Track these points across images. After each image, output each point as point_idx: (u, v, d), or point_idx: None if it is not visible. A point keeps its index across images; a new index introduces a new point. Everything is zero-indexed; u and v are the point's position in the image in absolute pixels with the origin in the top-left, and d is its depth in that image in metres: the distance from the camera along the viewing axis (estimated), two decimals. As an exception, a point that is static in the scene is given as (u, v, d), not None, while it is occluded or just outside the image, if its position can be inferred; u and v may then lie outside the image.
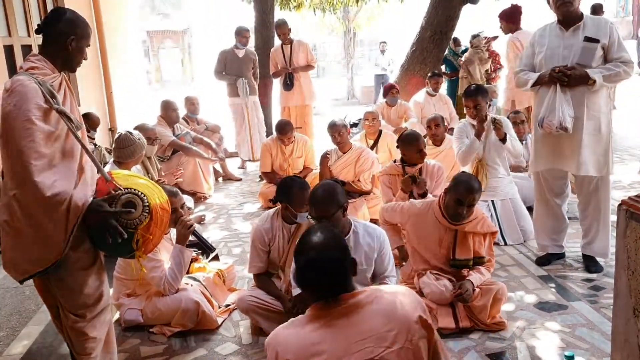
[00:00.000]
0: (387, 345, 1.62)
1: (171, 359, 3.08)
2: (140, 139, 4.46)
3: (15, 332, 3.24)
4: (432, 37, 8.69)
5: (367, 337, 1.64)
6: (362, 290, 1.76)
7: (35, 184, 2.16)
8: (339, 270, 1.75)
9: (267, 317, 3.25)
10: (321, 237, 1.80)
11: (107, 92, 7.91)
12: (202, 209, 6.13)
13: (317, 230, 1.84)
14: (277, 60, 7.48)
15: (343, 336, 1.65)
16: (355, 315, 1.69)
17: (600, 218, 3.85)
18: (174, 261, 3.33)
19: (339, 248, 1.80)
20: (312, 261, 1.75)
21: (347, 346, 1.63)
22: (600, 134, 3.69)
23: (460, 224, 3.28)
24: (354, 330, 1.65)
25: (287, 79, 7.42)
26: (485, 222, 3.34)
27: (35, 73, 2.33)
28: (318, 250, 1.76)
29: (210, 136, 7.18)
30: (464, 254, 3.29)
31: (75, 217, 2.26)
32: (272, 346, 1.74)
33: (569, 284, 3.73)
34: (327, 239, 1.80)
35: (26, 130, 2.19)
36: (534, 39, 3.88)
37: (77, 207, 2.26)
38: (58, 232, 2.24)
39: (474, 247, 3.31)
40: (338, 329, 1.67)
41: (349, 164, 5.20)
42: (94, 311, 2.50)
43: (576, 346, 2.97)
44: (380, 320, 1.66)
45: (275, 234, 3.38)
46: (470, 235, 3.30)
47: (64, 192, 2.23)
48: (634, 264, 2.11)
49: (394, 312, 1.68)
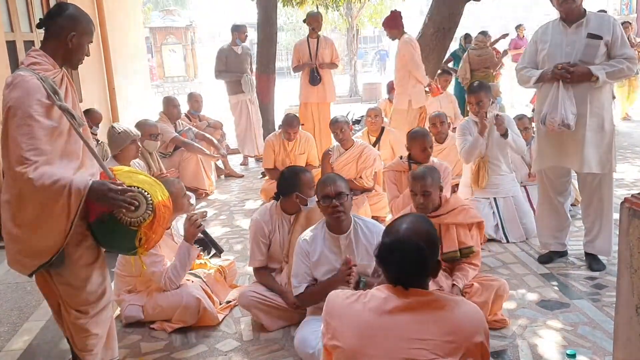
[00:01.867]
0: (441, 355, 1.60)
1: (172, 355, 3.07)
2: (125, 132, 4.42)
3: (16, 328, 3.24)
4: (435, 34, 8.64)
5: (425, 339, 1.62)
6: (436, 293, 1.76)
7: (34, 179, 2.15)
8: (423, 260, 1.75)
9: (269, 312, 3.25)
10: (422, 224, 1.83)
11: (110, 88, 7.91)
12: (204, 205, 6.13)
13: (419, 218, 1.88)
14: (301, 54, 7.24)
15: (402, 328, 1.64)
16: (421, 314, 1.67)
17: (603, 216, 3.83)
18: (178, 258, 3.32)
19: (431, 240, 1.81)
20: (398, 242, 1.76)
21: (402, 341, 1.62)
22: (604, 131, 3.67)
23: (438, 216, 3.30)
24: (415, 328, 1.64)
25: (316, 72, 7.14)
26: (467, 212, 3.35)
27: (36, 69, 2.32)
28: (414, 232, 1.78)
29: (212, 133, 7.18)
30: (449, 246, 3.30)
31: (78, 202, 2.21)
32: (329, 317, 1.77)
33: (571, 282, 3.72)
34: (426, 228, 1.82)
35: (27, 127, 2.18)
36: (536, 36, 3.86)
37: (79, 190, 2.21)
38: (61, 221, 2.22)
39: (459, 237, 3.31)
40: (400, 320, 1.66)
41: (351, 161, 5.18)
42: (97, 308, 2.49)
43: (578, 344, 2.95)
44: (444, 328, 1.64)
45: (275, 226, 3.40)
46: (452, 226, 3.31)
47: (63, 179, 2.20)
48: (636, 262, 2.10)
49: (460, 328, 1.66)
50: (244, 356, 3.04)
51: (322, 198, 2.91)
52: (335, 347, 1.70)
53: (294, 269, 3.02)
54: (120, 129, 4.44)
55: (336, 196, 2.87)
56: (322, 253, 2.96)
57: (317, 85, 7.19)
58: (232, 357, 3.03)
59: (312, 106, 7.33)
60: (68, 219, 2.23)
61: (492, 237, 4.52)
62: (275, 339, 3.20)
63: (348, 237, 2.96)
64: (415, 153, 4.34)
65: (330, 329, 1.75)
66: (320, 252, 2.96)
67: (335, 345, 1.70)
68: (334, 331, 1.73)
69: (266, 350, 3.08)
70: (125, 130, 4.43)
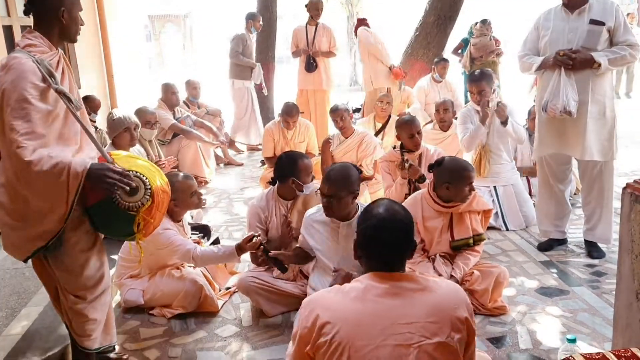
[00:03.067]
0: (428, 336, 1.59)
1: (171, 340, 3.07)
2: (121, 118, 4.33)
3: (14, 313, 3.23)
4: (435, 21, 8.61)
5: (409, 322, 1.61)
6: (415, 276, 1.75)
7: (28, 163, 2.12)
8: (403, 240, 1.79)
9: (268, 298, 3.25)
10: (396, 205, 1.89)
11: (108, 76, 7.86)
12: (204, 193, 6.10)
13: (391, 201, 1.93)
14: (298, 40, 7.27)
15: (386, 315, 1.63)
16: (403, 298, 1.67)
17: (603, 204, 3.82)
18: (220, 250, 3.19)
19: (409, 219, 1.85)
20: (383, 221, 1.79)
21: (388, 326, 1.61)
22: (605, 119, 3.65)
23: (455, 206, 3.27)
24: (399, 313, 1.64)
25: (312, 59, 7.18)
26: (479, 199, 3.35)
27: (32, 51, 2.28)
28: (394, 212, 1.83)
29: (211, 120, 7.14)
30: (462, 233, 3.29)
31: (76, 185, 2.19)
32: (310, 307, 1.71)
33: (570, 270, 3.72)
34: (400, 208, 1.88)
35: (22, 110, 2.15)
36: (538, 22, 3.82)
37: (77, 173, 2.18)
38: (59, 205, 2.20)
39: (472, 224, 3.31)
40: (383, 307, 1.65)
41: (351, 149, 5.17)
42: (95, 293, 2.49)
43: (577, 331, 2.96)
44: (427, 310, 1.64)
45: (271, 211, 3.40)
46: (465, 214, 3.30)
47: (62, 162, 2.17)
48: (638, 247, 2.09)
49: (442, 306, 1.66)
50: (243, 342, 3.04)
51: (322, 195, 2.92)
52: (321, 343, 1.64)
53: (300, 239, 3.13)
54: (115, 116, 4.36)
55: (327, 196, 2.87)
56: (321, 235, 3.00)
57: (313, 72, 7.22)
58: (231, 343, 3.03)
59: (309, 93, 7.36)
60: (67, 203, 2.20)
61: (492, 225, 4.50)
62: (275, 325, 3.20)
63: (350, 225, 2.95)
64: (404, 140, 4.31)
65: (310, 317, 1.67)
66: (319, 234, 3.00)
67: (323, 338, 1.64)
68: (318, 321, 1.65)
69: (265, 336, 3.08)
70: (120, 117, 4.31)
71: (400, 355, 1.57)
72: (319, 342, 1.64)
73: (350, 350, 1.59)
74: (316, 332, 1.65)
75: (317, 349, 1.65)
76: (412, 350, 1.57)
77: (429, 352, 1.58)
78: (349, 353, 1.59)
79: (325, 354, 1.62)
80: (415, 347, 1.58)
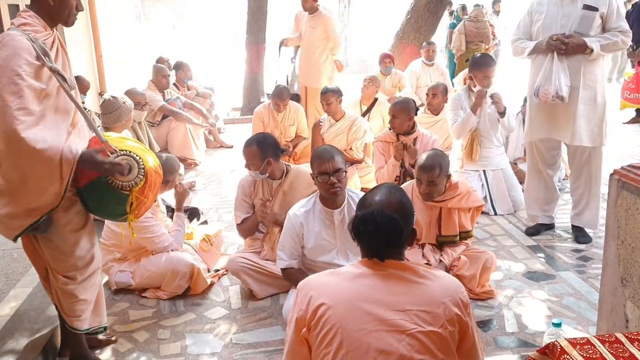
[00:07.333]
0: (420, 324, 1.60)
1: (160, 322, 3.08)
2: (126, 103, 4.30)
3: (2, 294, 3.22)
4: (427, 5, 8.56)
5: (403, 310, 1.62)
6: (410, 265, 1.74)
7: (23, 140, 2.11)
8: (397, 231, 1.72)
9: (257, 279, 3.27)
10: (395, 195, 1.82)
11: (97, 56, 7.76)
12: (193, 175, 6.09)
13: (392, 188, 1.86)
14: (299, 26, 7.21)
15: (380, 302, 1.63)
16: (397, 285, 1.67)
17: (591, 189, 3.86)
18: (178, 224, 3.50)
19: (405, 210, 1.80)
20: (376, 213, 1.73)
21: (381, 312, 1.61)
22: (596, 104, 3.67)
23: (442, 201, 3.25)
24: (393, 300, 1.63)
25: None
26: (470, 196, 3.28)
27: (27, 29, 2.27)
28: (386, 204, 1.76)
29: (201, 102, 7.10)
30: (449, 230, 3.28)
31: (69, 168, 2.22)
32: (305, 289, 1.72)
33: (557, 254, 3.76)
34: (399, 198, 1.82)
35: (15, 85, 2.14)
36: (532, 7, 3.81)
37: (69, 158, 2.23)
38: (54, 184, 2.21)
39: (460, 221, 3.29)
40: (377, 293, 1.65)
41: (342, 132, 5.15)
42: (85, 273, 2.49)
43: (563, 315, 3.00)
44: (421, 299, 1.64)
45: (257, 187, 3.42)
46: (454, 210, 3.27)
47: (54, 147, 2.19)
48: (623, 234, 2.11)
49: (435, 299, 1.65)
50: (232, 323, 3.05)
51: (319, 174, 2.84)
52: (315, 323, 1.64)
53: (282, 241, 3.00)
54: (122, 99, 4.31)
55: (334, 173, 2.81)
56: (315, 228, 2.94)
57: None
58: (220, 325, 3.04)
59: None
60: (61, 184, 2.22)
61: (480, 209, 4.54)
62: (264, 307, 3.21)
63: (342, 211, 2.94)
64: (401, 122, 4.20)
65: (305, 299, 1.69)
66: (313, 227, 2.94)
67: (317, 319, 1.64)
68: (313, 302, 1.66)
69: (254, 318, 3.10)
70: (126, 101, 4.34)
71: (392, 341, 1.58)
72: (312, 322, 1.65)
73: (342, 333, 1.60)
74: (311, 313, 1.65)
75: (311, 329, 1.66)
76: (404, 337, 1.58)
77: (420, 339, 1.58)
78: (342, 337, 1.59)
79: (318, 335, 1.63)
80: (407, 334, 1.58)
